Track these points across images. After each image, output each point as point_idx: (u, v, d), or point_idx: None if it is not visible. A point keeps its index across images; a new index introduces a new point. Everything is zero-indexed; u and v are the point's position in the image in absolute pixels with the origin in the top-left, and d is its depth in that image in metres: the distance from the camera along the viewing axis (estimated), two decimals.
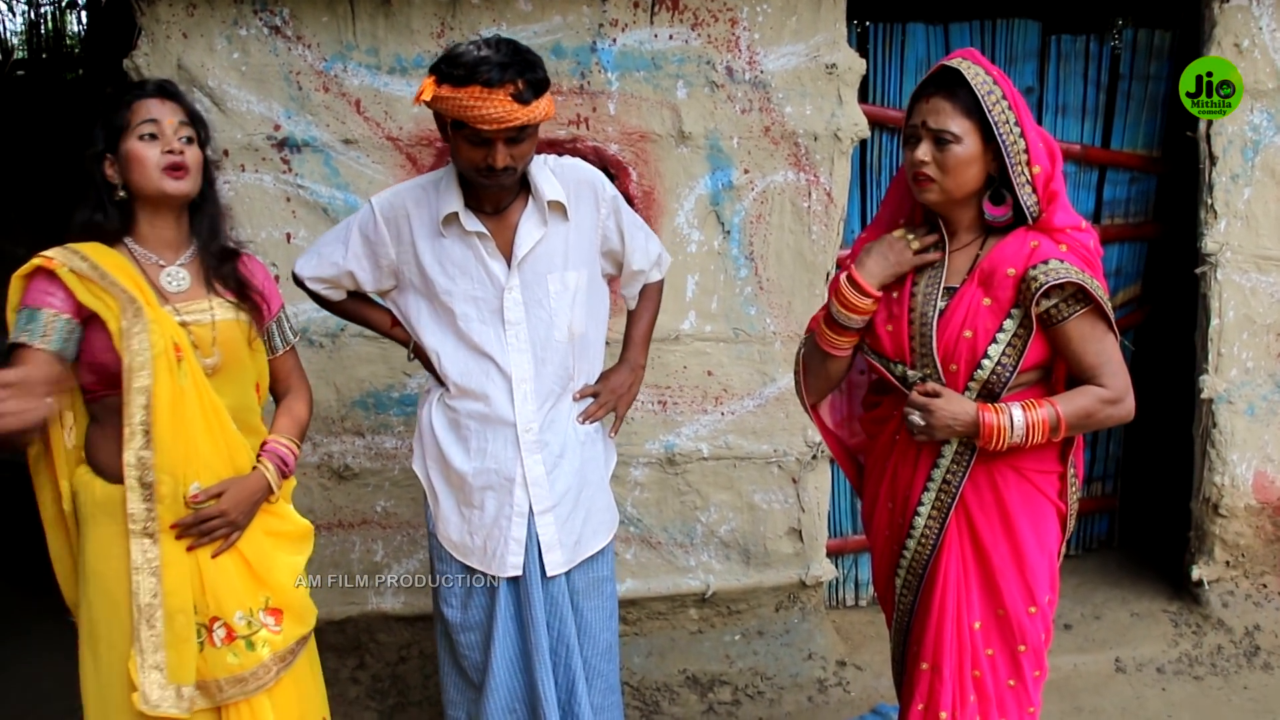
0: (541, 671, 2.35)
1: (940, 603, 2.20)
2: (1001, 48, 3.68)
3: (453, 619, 2.44)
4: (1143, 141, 3.94)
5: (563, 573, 2.40)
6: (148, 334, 1.97)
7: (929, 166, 2.05)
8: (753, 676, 3.48)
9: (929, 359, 2.11)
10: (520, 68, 2.09)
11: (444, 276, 2.32)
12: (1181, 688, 3.48)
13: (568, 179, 2.36)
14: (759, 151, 3.26)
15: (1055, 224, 2.06)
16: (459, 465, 2.38)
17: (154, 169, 2.02)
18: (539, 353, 2.34)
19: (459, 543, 2.41)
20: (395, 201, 2.36)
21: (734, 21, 3.17)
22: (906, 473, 2.22)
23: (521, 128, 2.12)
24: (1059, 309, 2.04)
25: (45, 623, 3.88)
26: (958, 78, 2.02)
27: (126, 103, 2.05)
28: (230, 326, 2.12)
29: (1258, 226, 3.62)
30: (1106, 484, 4.35)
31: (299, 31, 3.05)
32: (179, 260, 2.11)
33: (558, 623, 2.40)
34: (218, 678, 2.06)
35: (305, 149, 3.11)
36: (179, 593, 2.02)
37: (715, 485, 3.46)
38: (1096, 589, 4.03)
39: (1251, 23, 3.49)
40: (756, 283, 3.34)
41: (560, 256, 2.34)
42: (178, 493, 2.02)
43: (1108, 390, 2.06)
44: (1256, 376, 3.70)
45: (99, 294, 1.98)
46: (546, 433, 2.36)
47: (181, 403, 2.00)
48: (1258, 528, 3.79)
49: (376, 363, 3.25)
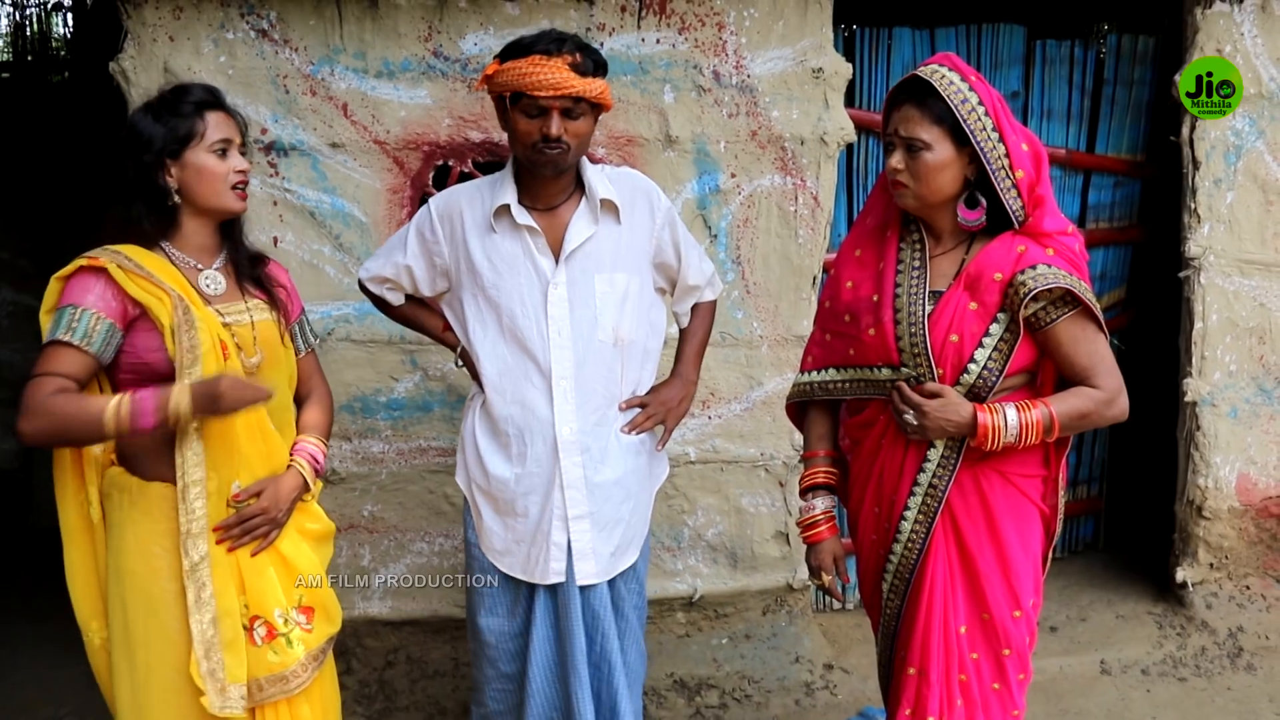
0: (577, 684, 2.32)
1: (928, 607, 2.20)
2: (987, 52, 3.70)
3: (496, 628, 2.41)
4: (1127, 146, 3.97)
5: (596, 583, 2.36)
6: (198, 331, 1.99)
7: (902, 174, 2.08)
8: (740, 680, 3.48)
9: (923, 358, 2.10)
10: (579, 44, 2.19)
11: (492, 271, 2.32)
12: (1166, 689, 3.49)
13: (624, 185, 2.38)
14: (746, 156, 3.27)
15: (1043, 228, 2.07)
16: (500, 473, 2.36)
17: (224, 184, 2.06)
18: (580, 351, 2.32)
19: (502, 551, 2.39)
20: (450, 200, 2.40)
21: (721, 26, 3.18)
22: (892, 477, 2.22)
23: (577, 100, 2.17)
24: (1046, 312, 2.05)
25: (28, 627, 3.87)
26: (928, 86, 2.04)
27: (197, 112, 2.05)
28: (268, 326, 2.16)
29: (1240, 230, 3.65)
30: (1092, 487, 4.38)
31: (286, 35, 3.05)
32: (215, 264, 2.14)
33: (600, 638, 2.37)
34: (258, 676, 2.06)
35: (292, 152, 3.11)
36: (227, 592, 2.04)
37: (702, 489, 3.47)
38: (1082, 591, 4.05)
39: (1234, 29, 3.52)
40: (744, 286, 3.35)
41: (610, 257, 2.34)
42: (223, 491, 2.04)
43: (1101, 391, 2.07)
44: (1239, 379, 3.73)
45: (151, 289, 1.99)
46: (587, 436, 2.34)
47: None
48: (1241, 529, 3.81)
49: (363, 367, 3.24)
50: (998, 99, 2.05)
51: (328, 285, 3.18)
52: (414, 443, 3.32)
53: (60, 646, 3.61)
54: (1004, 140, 2.02)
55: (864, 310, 2.19)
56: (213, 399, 1.93)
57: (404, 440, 3.31)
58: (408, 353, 3.25)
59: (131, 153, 2.03)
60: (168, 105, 2.06)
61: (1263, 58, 3.55)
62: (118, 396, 1.95)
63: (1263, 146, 3.61)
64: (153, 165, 2.02)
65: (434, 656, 3.44)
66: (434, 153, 3.16)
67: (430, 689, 3.40)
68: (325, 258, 3.18)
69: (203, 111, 2.05)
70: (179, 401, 1.93)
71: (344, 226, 3.17)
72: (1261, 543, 3.85)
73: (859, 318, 2.20)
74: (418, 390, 3.28)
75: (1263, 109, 3.58)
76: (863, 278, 2.22)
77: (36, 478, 4.78)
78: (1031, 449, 2.15)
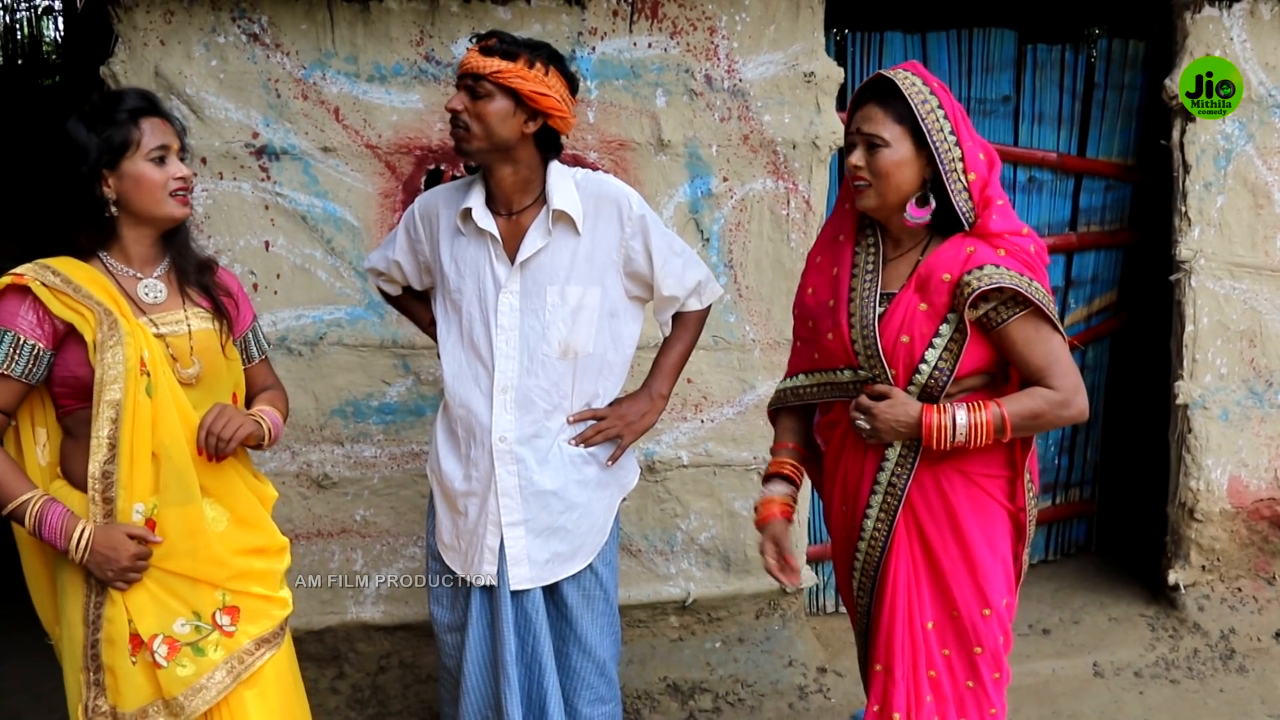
0: (505, 685, 2.35)
1: (891, 604, 2.22)
2: (978, 56, 3.71)
3: (440, 618, 2.49)
4: (1118, 150, 3.98)
5: (531, 588, 2.38)
6: (122, 348, 1.96)
7: (862, 170, 2.11)
8: (733, 684, 3.48)
9: (876, 359, 2.13)
10: (506, 37, 2.22)
11: (456, 274, 2.36)
12: (1158, 691, 3.50)
13: (589, 193, 2.34)
14: (738, 159, 3.27)
15: (991, 229, 2.09)
16: (449, 471, 2.41)
17: (163, 192, 2.02)
18: (526, 363, 2.33)
19: (449, 545, 2.44)
20: (431, 199, 2.44)
21: (713, 30, 3.18)
22: (855, 476, 2.25)
23: (476, 78, 2.18)
24: (997, 312, 2.07)
25: (15, 635, 3.84)
26: (891, 86, 2.07)
27: (132, 120, 1.99)
28: (206, 336, 2.12)
29: (1230, 234, 3.66)
30: (1084, 489, 4.38)
31: (277, 39, 3.04)
32: (155, 273, 2.10)
33: (531, 639, 2.39)
34: (175, 695, 2.03)
35: (284, 157, 3.10)
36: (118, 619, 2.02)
37: (695, 493, 3.46)
38: (1075, 594, 4.06)
39: (1223, 33, 3.54)
40: (736, 290, 3.35)
41: (565, 269, 2.32)
42: (129, 509, 2.00)
43: (1056, 392, 2.07)
44: (1230, 382, 3.74)
45: (75, 306, 1.96)
46: (524, 446, 2.34)
47: (145, 419, 1.99)
48: (1232, 532, 3.82)
49: (355, 371, 3.24)
50: (959, 109, 2.10)
51: (319, 289, 3.18)
52: (406, 447, 3.31)
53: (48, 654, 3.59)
54: (960, 144, 2.06)
55: (823, 315, 2.23)
56: (101, 567, 1.97)
57: (396, 445, 3.31)
58: (400, 357, 3.24)
59: (65, 164, 1.98)
60: (101, 114, 1.99)
61: (1251, 62, 3.56)
62: (36, 494, 1.98)
63: (1252, 150, 3.62)
64: (88, 177, 1.97)
65: (427, 661, 3.43)
66: (426, 157, 3.16)
67: (423, 694, 3.39)
68: (317, 262, 3.17)
69: (138, 119, 2.00)
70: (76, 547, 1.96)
71: (336, 231, 3.16)
72: (1253, 545, 3.86)
73: (819, 323, 2.24)
74: (410, 394, 3.28)
75: (1252, 113, 3.59)
76: (821, 283, 2.27)
77: None
78: (994, 449, 2.16)
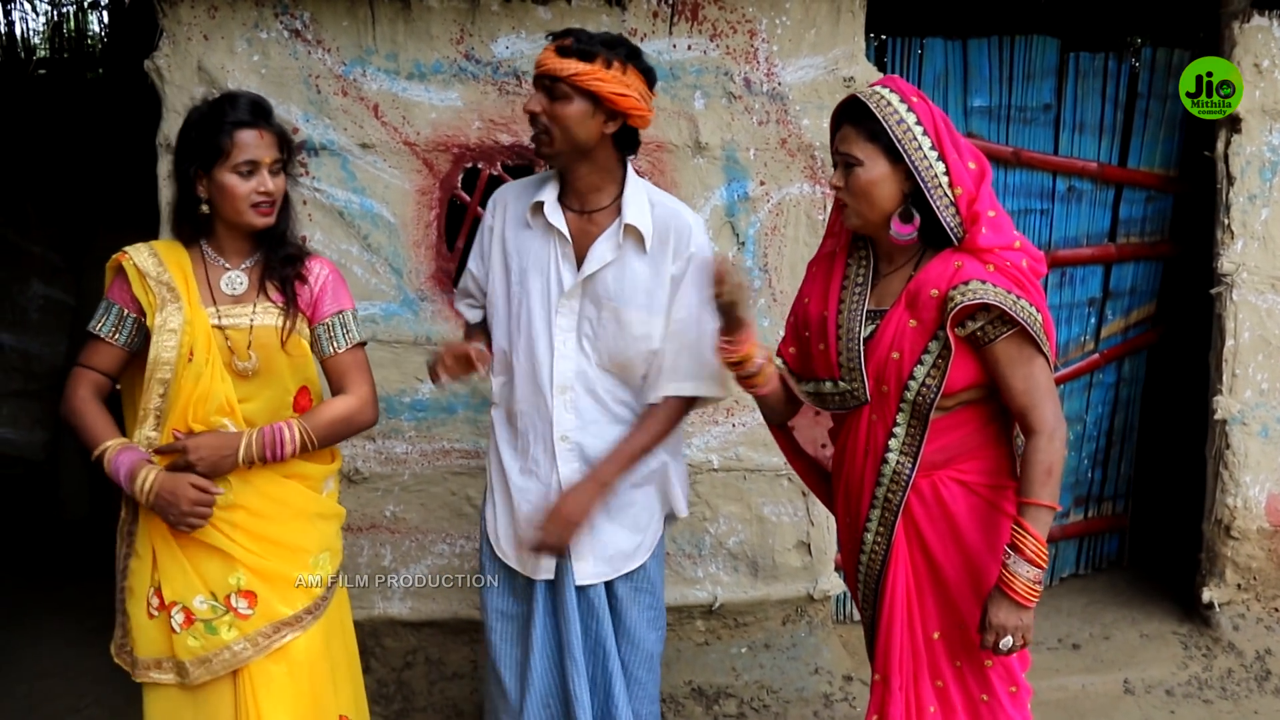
0: (574, 670, 2.34)
1: (889, 615, 2.21)
2: (1020, 64, 3.68)
3: (496, 606, 2.45)
4: (1160, 160, 3.93)
5: (595, 584, 2.37)
6: (179, 334, 2.11)
7: (842, 191, 2.12)
8: (758, 690, 3.47)
9: (856, 374, 2.15)
10: (583, 35, 2.18)
11: (519, 268, 2.34)
12: (1191, 711, 3.45)
13: (659, 214, 2.30)
14: (775, 163, 3.26)
15: (980, 244, 2.06)
16: (509, 464, 2.40)
17: (245, 204, 2.14)
18: (580, 365, 2.32)
19: (505, 540, 2.42)
20: (504, 192, 2.44)
21: (753, 33, 3.17)
22: (855, 488, 2.25)
23: (554, 79, 2.15)
24: (986, 330, 2.05)
25: (52, 619, 3.91)
26: (863, 105, 2.07)
27: (227, 130, 2.10)
28: (267, 332, 2.19)
29: (1275, 247, 3.60)
30: (1117, 504, 4.33)
31: (319, 35, 3.07)
32: (243, 264, 2.23)
33: (594, 624, 2.38)
34: (183, 660, 2.14)
35: (323, 152, 3.12)
36: (141, 572, 2.17)
37: (724, 497, 3.45)
38: (1106, 609, 4.01)
39: (1272, 43, 3.48)
40: (770, 295, 3.34)
41: (625, 289, 2.28)
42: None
43: (1040, 435, 2.04)
44: (1271, 398, 3.68)
45: (147, 289, 2.13)
46: (585, 444, 2.33)
47: (187, 399, 2.13)
48: (1270, 551, 3.76)
49: (389, 367, 3.25)
50: (941, 118, 2.07)
51: (355, 285, 3.18)
52: (437, 444, 3.32)
53: (82, 638, 3.65)
54: (944, 158, 2.04)
55: (815, 326, 2.24)
56: (164, 510, 2.09)
57: (427, 441, 3.32)
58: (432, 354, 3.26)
59: (177, 157, 2.19)
60: (207, 118, 2.14)
61: None
62: (116, 442, 2.14)
63: None
64: (190, 178, 2.14)
65: (453, 658, 3.44)
66: (464, 155, 3.17)
67: (449, 690, 3.41)
68: (353, 257, 3.19)
69: (235, 131, 2.11)
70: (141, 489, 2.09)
71: (372, 227, 3.18)
72: None
73: (813, 333, 2.25)
74: (442, 392, 3.29)
75: None
76: (815, 294, 2.27)
77: (63, 471, 4.84)
78: (996, 458, 2.16)
